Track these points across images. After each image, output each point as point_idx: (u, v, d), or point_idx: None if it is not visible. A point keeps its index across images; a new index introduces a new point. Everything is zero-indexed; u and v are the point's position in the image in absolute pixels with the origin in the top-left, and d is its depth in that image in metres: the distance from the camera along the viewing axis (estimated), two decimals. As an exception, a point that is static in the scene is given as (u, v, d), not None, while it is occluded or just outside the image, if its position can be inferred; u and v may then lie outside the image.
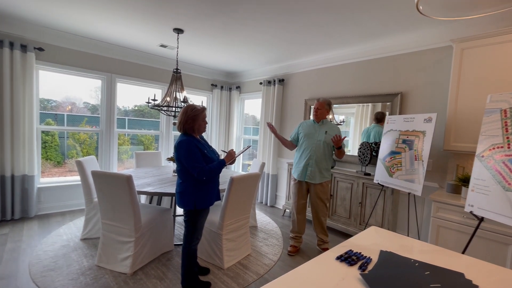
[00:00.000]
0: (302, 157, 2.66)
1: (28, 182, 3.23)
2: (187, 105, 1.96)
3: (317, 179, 2.61)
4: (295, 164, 2.74)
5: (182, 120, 1.89)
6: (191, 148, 1.82)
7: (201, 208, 1.92)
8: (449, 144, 2.34)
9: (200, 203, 1.90)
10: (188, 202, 1.89)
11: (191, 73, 4.81)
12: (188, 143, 1.83)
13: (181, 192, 1.91)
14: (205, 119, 1.98)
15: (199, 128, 1.93)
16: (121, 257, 2.20)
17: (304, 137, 2.69)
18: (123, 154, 8.61)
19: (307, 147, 2.63)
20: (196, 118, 1.90)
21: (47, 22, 3.09)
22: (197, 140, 1.91)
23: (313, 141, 2.62)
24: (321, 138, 2.61)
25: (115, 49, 3.84)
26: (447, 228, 2.13)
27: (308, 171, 2.61)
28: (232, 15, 2.59)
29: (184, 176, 1.90)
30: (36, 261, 2.30)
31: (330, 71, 3.73)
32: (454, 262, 1.07)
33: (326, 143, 2.60)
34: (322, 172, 2.62)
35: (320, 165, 2.60)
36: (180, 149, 1.83)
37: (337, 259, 1.02)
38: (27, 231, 2.89)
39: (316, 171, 2.60)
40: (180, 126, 1.91)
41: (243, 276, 2.26)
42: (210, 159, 1.92)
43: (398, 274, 0.90)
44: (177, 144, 1.86)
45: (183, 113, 1.90)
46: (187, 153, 1.81)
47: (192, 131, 1.92)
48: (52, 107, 6.92)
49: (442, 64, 2.67)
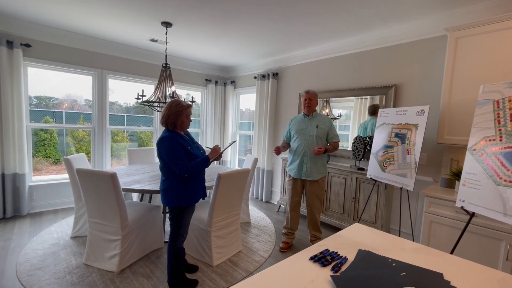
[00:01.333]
0: (296, 154, 2.60)
1: (19, 181, 3.22)
2: (172, 99, 1.91)
3: (315, 175, 2.56)
4: (290, 162, 2.68)
5: (165, 115, 1.85)
6: (172, 145, 1.78)
7: (185, 206, 1.89)
8: (442, 137, 2.27)
9: (184, 200, 1.87)
10: (172, 199, 1.85)
11: (184, 68, 4.73)
12: (170, 139, 1.79)
13: (164, 189, 1.87)
14: (190, 116, 1.92)
15: (181, 124, 1.89)
16: (108, 255, 2.18)
17: (296, 133, 2.62)
18: (121, 151, 8.61)
19: (300, 143, 2.57)
20: (179, 114, 1.85)
21: (33, 17, 3.03)
22: (180, 136, 1.87)
23: (305, 137, 2.56)
24: (313, 133, 2.54)
25: (105, 44, 3.77)
26: (439, 224, 2.07)
27: (304, 168, 2.56)
28: (220, 6, 2.51)
29: (167, 173, 1.86)
30: (24, 260, 2.29)
31: (324, 64, 3.64)
32: (435, 261, 1.01)
33: (319, 137, 2.54)
34: (318, 168, 2.57)
35: (316, 160, 2.55)
36: (162, 146, 1.79)
37: (311, 259, 0.97)
38: (18, 230, 2.88)
39: (312, 167, 2.54)
40: (162, 121, 1.86)
41: (232, 273, 2.23)
42: (194, 155, 1.87)
43: (371, 275, 0.85)
44: (159, 140, 1.81)
45: (167, 107, 1.86)
46: (169, 150, 1.77)
47: (174, 127, 1.87)
48: (53, 105, 6.89)
49: (436, 55, 2.58)
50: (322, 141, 2.57)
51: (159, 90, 3.02)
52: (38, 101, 7.18)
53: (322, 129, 2.56)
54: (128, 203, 2.54)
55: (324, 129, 2.57)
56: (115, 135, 8.41)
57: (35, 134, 4.95)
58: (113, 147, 7.90)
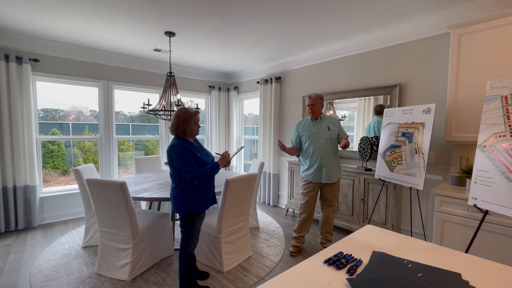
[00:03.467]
0: (312, 160, 2.56)
1: (30, 193, 3.27)
2: (180, 108, 1.94)
3: (334, 177, 2.56)
4: (306, 168, 2.63)
5: (174, 123, 1.88)
6: (182, 152, 1.80)
7: (196, 212, 1.89)
8: (450, 135, 2.25)
9: (195, 207, 1.88)
10: (182, 207, 1.86)
11: (188, 76, 4.79)
12: (180, 147, 1.81)
13: (175, 196, 1.88)
14: (198, 122, 1.96)
15: (191, 131, 1.91)
16: (120, 264, 2.19)
17: (308, 138, 2.59)
18: (128, 160, 8.69)
19: (316, 148, 2.55)
20: (188, 121, 1.88)
21: (40, 33, 3.11)
22: (189, 143, 1.89)
23: (319, 141, 2.54)
24: (327, 136, 2.54)
25: (110, 56, 3.85)
26: (452, 223, 2.04)
27: (323, 173, 2.54)
28: (222, 15, 2.55)
29: (177, 180, 1.88)
30: (37, 271, 2.31)
31: (327, 66, 3.65)
32: (452, 261, 1.00)
33: (333, 139, 2.56)
34: (337, 169, 2.59)
35: (333, 162, 2.55)
36: (172, 153, 1.81)
37: (325, 262, 0.97)
38: (30, 241, 2.92)
39: (331, 170, 2.54)
40: (172, 129, 1.89)
41: (243, 279, 2.22)
42: (203, 162, 1.89)
43: (387, 277, 0.84)
44: (169, 148, 1.84)
45: (176, 116, 1.89)
46: (179, 157, 1.79)
47: (184, 135, 1.90)
48: (60, 117, 7.00)
49: (440, 52, 2.57)
50: (335, 142, 2.59)
51: (164, 99, 3.06)
52: (45, 113, 7.33)
53: (334, 131, 2.57)
54: (138, 211, 2.56)
55: (335, 130, 2.58)
56: (121, 144, 8.51)
57: (43, 146, 5.05)
58: (120, 156, 7.98)
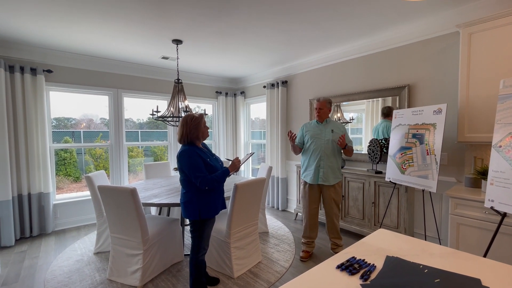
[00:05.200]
0: (311, 159, 2.57)
1: (44, 200, 3.35)
2: (184, 116, 1.95)
3: (331, 180, 2.53)
4: (305, 167, 2.65)
5: (185, 132, 1.88)
6: (193, 157, 1.82)
7: (207, 218, 1.90)
8: (463, 136, 2.19)
9: (205, 213, 1.88)
10: (192, 212, 1.87)
11: (195, 82, 4.86)
12: (190, 153, 1.83)
13: (185, 202, 1.90)
14: (206, 124, 1.99)
15: (203, 135, 1.95)
16: (131, 270, 2.21)
17: (310, 138, 2.60)
18: (137, 166, 8.82)
19: (315, 148, 2.55)
20: (198, 126, 1.91)
21: (53, 45, 3.22)
22: (199, 149, 1.91)
23: (321, 141, 2.54)
24: (329, 137, 2.53)
25: (119, 64, 3.94)
26: (467, 226, 1.98)
27: (320, 173, 2.53)
28: (227, 21, 2.59)
29: (187, 186, 1.90)
30: (51, 277, 2.35)
31: (333, 68, 3.64)
32: (470, 266, 0.97)
33: (335, 141, 2.53)
34: (335, 172, 2.55)
35: (332, 164, 2.53)
36: (182, 159, 1.83)
37: (338, 268, 0.95)
38: (44, 247, 2.98)
39: (328, 171, 2.52)
40: (184, 139, 1.89)
41: (254, 285, 2.20)
42: (213, 167, 1.90)
43: (403, 283, 0.82)
44: (179, 154, 1.86)
45: (184, 125, 1.89)
46: (189, 163, 1.81)
47: (197, 139, 1.92)
48: (71, 125, 7.22)
49: (449, 52, 2.53)
50: (336, 146, 2.55)
51: (172, 105, 3.11)
52: (58, 122, 7.55)
53: (338, 134, 2.55)
54: (148, 217, 2.58)
55: (339, 134, 2.55)
56: (130, 151, 8.66)
57: (56, 154, 5.17)
58: (129, 162, 8.13)
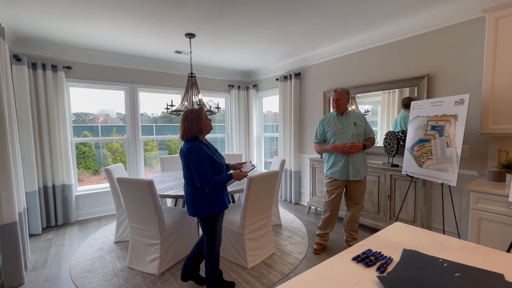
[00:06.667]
0: (338, 156, 2.49)
1: (67, 191, 3.52)
2: (183, 112, 1.85)
3: (362, 174, 2.50)
4: (331, 164, 2.56)
5: (187, 127, 1.80)
6: (201, 155, 1.74)
7: (217, 213, 1.86)
8: (487, 127, 2.09)
9: (215, 208, 1.83)
10: (202, 209, 1.81)
11: (207, 76, 4.88)
12: (199, 149, 1.75)
13: (193, 200, 1.83)
14: (207, 116, 1.91)
15: (206, 127, 1.87)
16: (149, 258, 2.30)
17: (334, 134, 2.51)
18: (152, 159, 9.07)
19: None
20: (199, 118, 1.82)
21: (71, 42, 3.32)
22: (205, 144, 1.85)
23: (346, 136, 2.47)
24: (353, 131, 2.46)
25: (134, 60, 4.02)
26: (489, 221, 1.91)
27: (350, 169, 2.47)
28: (242, 14, 2.56)
29: (192, 183, 1.81)
30: (75, 264, 2.49)
31: (348, 59, 3.54)
32: (492, 261, 0.94)
33: (359, 135, 2.48)
34: (364, 165, 2.52)
35: (360, 159, 2.48)
36: (191, 155, 1.74)
37: (353, 260, 0.95)
38: (68, 236, 3.15)
39: (358, 166, 2.47)
40: (186, 134, 1.81)
41: (267, 275, 2.24)
42: (219, 164, 1.85)
43: (421, 276, 0.81)
44: (188, 149, 1.75)
45: (184, 120, 1.81)
46: (197, 159, 1.72)
47: (201, 133, 1.85)
48: (90, 120, 7.49)
49: (472, 39, 2.40)
50: (362, 138, 2.51)
51: (186, 99, 3.15)
52: (77, 117, 7.88)
53: (361, 126, 2.49)
54: (164, 208, 2.66)
55: (362, 126, 2.50)
56: (145, 145, 8.90)
57: (76, 148, 5.41)
58: (145, 155, 8.35)
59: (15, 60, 3.04)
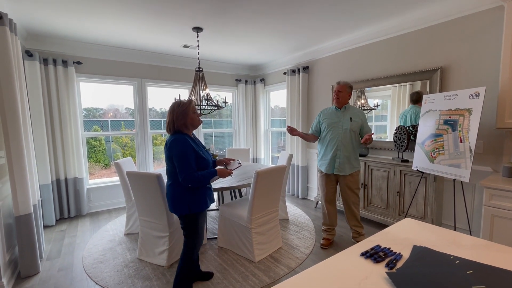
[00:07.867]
0: (328, 148, 2.52)
1: (79, 184, 3.61)
2: (172, 103, 1.78)
3: (347, 170, 2.47)
4: (321, 156, 2.60)
5: (172, 119, 1.72)
6: (186, 148, 1.65)
7: (197, 212, 1.75)
8: (503, 122, 2.02)
9: (195, 206, 1.73)
10: (181, 207, 1.71)
11: (214, 70, 4.87)
12: (184, 142, 1.66)
13: (172, 196, 1.73)
14: (196, 111, 1.80)
15: (192, 122, 1.76)
16: (158, 250, 2.34)
17: (327, 127, 2.52)
18: (161, 154, 9.19)
19: (332, 137, 2.48)
20: (185, 112, 1.72)
21: (81, 37, 3.36)
22: (191, 139, 1.77)
23: (338, 130, 2.46)
24: (347, 126, 2.44)
25: (143, 54, 4.04)
26: (504, 218, 1.86)
27: (336, 163, 2.47)
28: (250, 8, 2.53)
29: (174, 177, 1.71)
30: (88, 254, 2.56)
31: (358, 52, 3.47)
32: (506, 258, 0.91)
33: (353, 131, 2.44)
34: (352, 163, 2.47)
35: (349, 155, 2.45)
36: (175, 147, 1.64)
37: (362, 255, 0.94)
38: (80, 227, 3.24)
39: (345, 162, 2.45)
40: (170, 126, 1.73)
41: (274, 269, 2.25)
42: (206, 160, 1.77)
43: (432, 273, 0.79)
44: (172, 141, 1.66)
45: (171, 112, 1.73)
46: (181, 152, 1.64)
47: (186, 128, 1.75)
48: (100, 115, 7.62)
49: (490, 30, 2.30)
50: (356, 134, 2.47)
51: (193, 94, 3.15)
52: (87, 112, 8.03)
53: (356, 122, 2.45)
54: (173, 202, 2.70)
55: (358, 122, 2.46)
56: (154, 139, 9.01)
57: (87, 142, 5.56)
58: (154, 150, 8.48)
59: (27, 56, 3.10)
